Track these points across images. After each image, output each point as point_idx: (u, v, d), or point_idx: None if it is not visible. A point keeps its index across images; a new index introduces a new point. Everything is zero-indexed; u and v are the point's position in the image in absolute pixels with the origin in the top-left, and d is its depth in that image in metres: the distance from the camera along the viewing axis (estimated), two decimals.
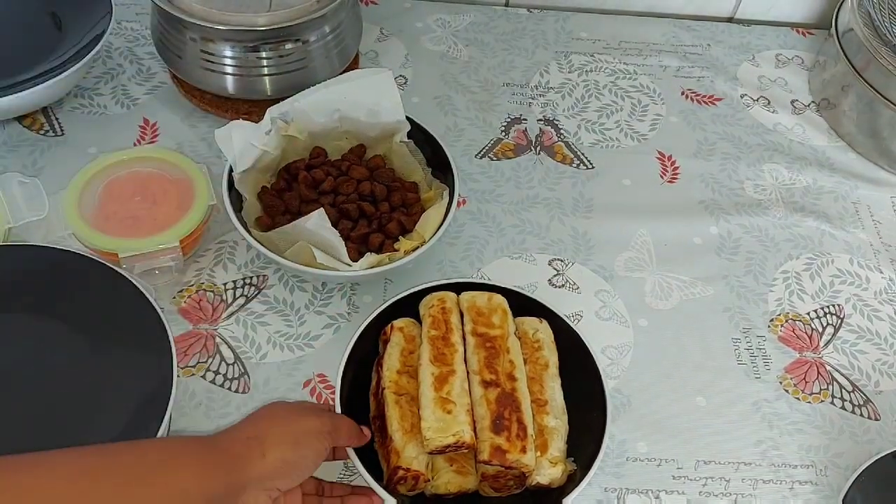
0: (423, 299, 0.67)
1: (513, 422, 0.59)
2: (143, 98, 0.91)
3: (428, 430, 0.58)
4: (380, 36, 1.02)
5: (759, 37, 1.10)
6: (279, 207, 0.75)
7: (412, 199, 0.78)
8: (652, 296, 0.80)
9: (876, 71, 0.90)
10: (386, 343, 0.66)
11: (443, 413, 0.59)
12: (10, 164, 0.82)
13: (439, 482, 0.61)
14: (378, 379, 0.65)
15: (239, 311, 0.75)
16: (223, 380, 0.70)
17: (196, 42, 0.82)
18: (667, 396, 0.74)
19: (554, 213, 0.86)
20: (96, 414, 0.59)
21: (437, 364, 0.61)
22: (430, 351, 0.62)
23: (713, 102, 1.00)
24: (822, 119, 1.00)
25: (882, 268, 0.86)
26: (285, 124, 0.77)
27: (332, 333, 0.74)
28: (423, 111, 0.93)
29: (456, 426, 0.58)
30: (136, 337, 0.64)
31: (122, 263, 0.69)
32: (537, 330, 0.68)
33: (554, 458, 0.61)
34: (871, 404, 0.75)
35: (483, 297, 0.67)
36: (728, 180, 0.92)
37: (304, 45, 0.83)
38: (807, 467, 0.71)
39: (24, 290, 0.65)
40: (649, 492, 0.68)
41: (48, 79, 0.80)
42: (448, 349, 0.63)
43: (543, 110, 0.96)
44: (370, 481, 0.59)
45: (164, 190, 0.75)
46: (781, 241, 0.87)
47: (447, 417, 0.58)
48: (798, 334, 0.79)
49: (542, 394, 0.64)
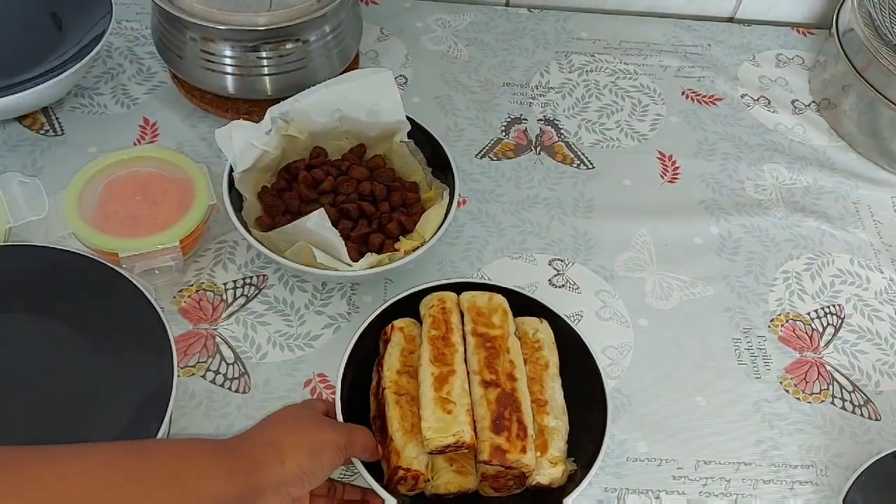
0: (424, 299, 0.67)
1: (513, 422, 0.59)
2: (144, 98, 0.91)
3: (428, 430, 0.58)
4: (380, 36, 1.02)
5: (760, 37, 1.10)
6: (279, 207, 0.75)
7: (412, 199, 0.78)
8: (652, 296, 0.80)
9: (876, 71, 0.90)
10: (386, 343, 0.65)
11: (443, 413, 0.58)
12: (10, 164, 0.82)
13: (439, 482, 0.61)
14: (378, 379, 0.64)
15: (239, 310, 0.75)
16: (223, 379, 0.70)
17: (196, 42, 0.82)
18: (667, 396, 0.74)
19: (554, 213, 0.86)
20: (96, 414, 0.59)
21: (438, 364, 0.61)
22: (430, 351, 0.62)
23: (713, 102, 1.00)
24: (822, 119, 1.00)
25: (882, 268, 0.86)
26: (285, 124, 0.77)
27: (332, 333, 0.74)
28: (424, 111, 0.93)
29: (456, 426, 0.58)
30: (136, 337, 0.64)
31: (122, 263, 0.69)
32: (537, 330, 0.68)
33: (554, 458, 0.61)
34: (871, 404, 0.75)
35: (483, 297, 0.67)
36: (728, 180, 0.92)
37: (305, 45, 0.83)
38: (807, 467, 0.71)
39: (24, 290, 0.65)
40: (649, 492, 0.68)
41: (48, 79, 0.79)
42: (448, 349, 0.62)
43: (544, 110, 0.96)
44: (371, 481, 0.59)
45: (164, 189, 0.75)
46: (782, 241, 0.86)
47: (447, 417, 0.58)
48: (798, 334, 0.79)
49: (542, 394, 0.64)
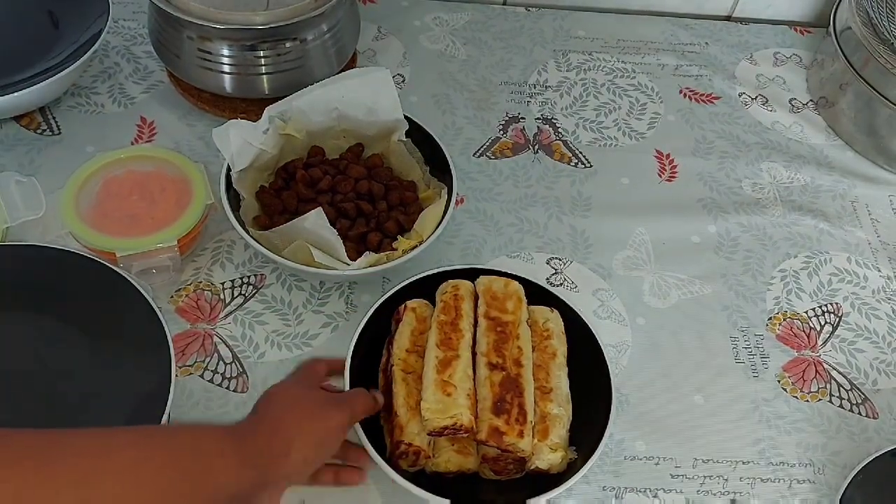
0: (440, 286, 0.69)
1: (514, 406, 0.60)
2: (141, 97, 0.90)
3: (427, 410, 0.59)
4: (377, 35, 1.02)
5: (757, 35, 1.10)
6: (277, 206, 0.75)
7: (410, 198, 0.78)
8: (650, 294, 0.80)
9: (874, 69, 0.90)
10: (398, 322, 0.67)
11: (443, 395, 0.60)
12: (7, 164, 0.82)
13: (440, 460, 0.62)
14: (388, 356, 0.66)
15: (237, 310, 0.75)
16: (221, 379, 0.70)
17: (193, 41, 0.82)
18: (665, 395, 0.74)
19: (552, 212, 0.86)
20: (94, 413, 0.59)
21: (443, 348, 0.62)
22: (437, 335, 0.64)
23: (711, 101, 1.00)
24: (820, 117, 1.00)
25: (880, 266, 0.86)
26: (283, 123, 0.77)
27: (330, 332, 0.74)
28: (421, 110, 0.93)
29: (455, 409, 0.59)
30: (133, 336, 0.64)
31: (119, 262, 0.69)
32: (548, 319, 0.69)
33: (554, 445, 0.62)
34: (868, 403, 0.75)
35: (500, 283, 0.68)
36: (726, 179, 0.92)
37: (302, 44, 0.83)
38: (805, 466, 0.71)
39: (22, 290, 0.65)
40: (647, 490, 0.68)
41: (45, 78, 0.79)
42: (455, 334, 0.64)
43: (541, 109, 0.96)
44: (374, 455, 0.60)
45: (162, 189, 0.74)
46: (779, 240, 0.87)
47: (447, 400, 0.59)
48: (796, 333, 0.79)
49: (547, 381, 0.65)
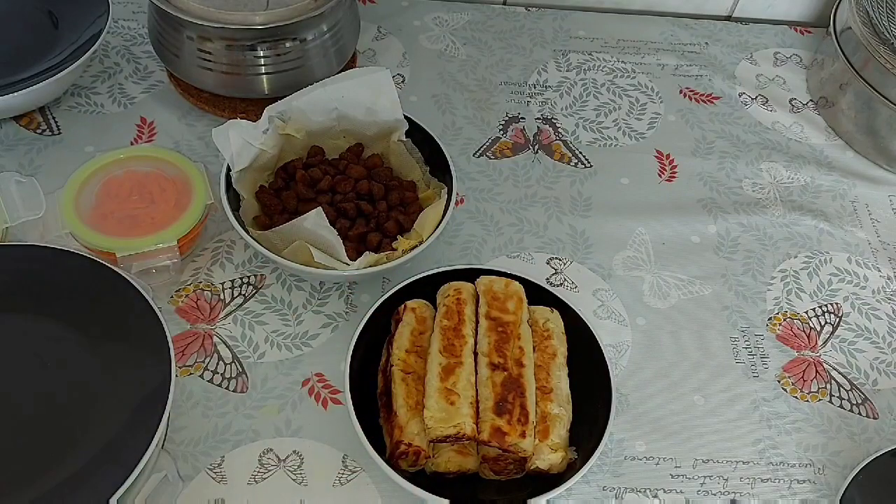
0: (441, 287, 0.69)
1: (515, 406, 0.60)
2: (141, 97, 0.90)
3: (430, 418, 0.59)
4: (377, 34, 1.02)
5: (758, 35, 1.10)
6: (277, 206, 0.75)
7: (410, 198, 0.78)
8: (650, 295, 0.80)
9: (874, 69, 0.90)
10: (398, 322, 0.67)
11: (446, 404, 0.60)
12: (6, 164, 0.82)
13: (440, 460, 0.62)
14: (388, 356, 0.66)
15: (237, 310, 0.75)
16: (221, 379, 0.70)
17: (193, 41, 0.81)
18: (665, 395, 0.74)
19: (552, 212, 0.86)
20: (94, 414, 0.59)
21: (446, 355, 0.63)
22: (440, 341, 0.64)
23: (711, 101, 1.00)
24: (820, 117, 1.00)
25: (880, 266, 0.86)
26: (283, 123, 0.77)
27: (330, 332, 0.74)
28: (421, 110, 0.93)
29: (458, 418, 0.59)
30: (133, 336, 0.63)
31: (119, 263, 0.69)
32: (548, 319, 0.69)
33: (554, 445, 0.62)
34: (869, 403, 0.75)
35: (501, 283, 0.68)
36: (726, 179, 0.92)
37: (302, 44, 0.83)
38: (805, 466, 0.71)
39: (21, 290, 0.65)
40: (647, 491, 0.68)
41: (45, 78, 0.79)
42: (458, 340, 0.64)
43: (541, 109, 0.96)
44: (374, 455, 0.60)
45: (162, 189, 0.74)
46: (780, 240, 0.87)
47: (450, 408, 0.59)
48: (796, 333, 0.79)
49: (547, 381, 0.65)
